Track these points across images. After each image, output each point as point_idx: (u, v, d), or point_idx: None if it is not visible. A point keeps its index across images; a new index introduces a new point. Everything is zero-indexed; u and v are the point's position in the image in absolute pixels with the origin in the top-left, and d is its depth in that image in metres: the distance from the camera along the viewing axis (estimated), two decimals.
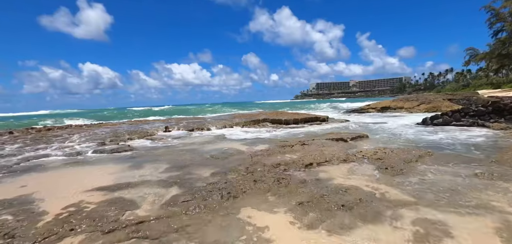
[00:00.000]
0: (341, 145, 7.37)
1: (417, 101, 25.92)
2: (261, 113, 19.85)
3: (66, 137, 11.07)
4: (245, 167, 5.09)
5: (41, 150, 8.35)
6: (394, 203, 3.30)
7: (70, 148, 8.68)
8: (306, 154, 6.04)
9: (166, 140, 9.90)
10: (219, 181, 4.33)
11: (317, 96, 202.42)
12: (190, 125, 13.91)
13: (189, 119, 17.42)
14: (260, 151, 6.76)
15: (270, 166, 5.13)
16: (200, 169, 5.25)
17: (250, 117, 17.21)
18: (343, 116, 24.09)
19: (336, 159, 5.55)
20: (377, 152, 5.94)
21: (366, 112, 27.89)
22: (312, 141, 7.97)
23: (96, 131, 12.60)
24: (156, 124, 15.00)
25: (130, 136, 11.08)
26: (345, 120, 17.47)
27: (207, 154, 6.74)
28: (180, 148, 8.09)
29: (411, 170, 4.69)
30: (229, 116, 18.84)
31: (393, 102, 27.64)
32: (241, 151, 7.00)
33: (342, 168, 5.04)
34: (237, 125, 14.71)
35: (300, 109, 33.52)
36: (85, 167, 6.02)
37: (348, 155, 5.87)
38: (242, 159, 5.94)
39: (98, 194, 4.03)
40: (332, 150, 6.38)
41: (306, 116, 17.05)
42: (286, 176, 4.46)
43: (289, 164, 5.17)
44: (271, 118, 16.23)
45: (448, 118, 11.63)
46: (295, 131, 11.98)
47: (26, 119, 31.93)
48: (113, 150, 8.00)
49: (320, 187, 3.96)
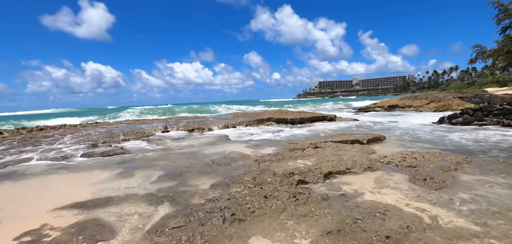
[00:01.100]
0: (359, 148, 6.52)
1: (426, 100, 24.93)
2: (265, 112, 19.00)
3: (57, 138, 10.30)
4: (251, 176, 4.25)
5: (24, 154, 7.58)
6: (456, 235, 2.46)
7: (57, 151, 7.89)
8: (321, 159, 5.20)
9: (163, 142, 9.09)
10: (221, 197, 3.50)
11: (320, 94, 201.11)
12: (190, 124, 13.09)
13: (189, 119, 16.61)
14: (268, 156, 5.93)
15: (281, 175, 4.29)
16: (198, 179, 4.42)
17: (254, 116, 16.37)
18: (349, 114, 23.22)
19: (359, 167, 4.70)
20: (405, 158, 5.08)
21: (373, 110, 26.98)
22: (325, 143, 7.12)
23: (90, 132, 11.82)
24: (154, 123, 14.20)
25: (126, 136, 10.30)
26: (354, 119, 16.59)
27: (207, 159, 5.92)
28: (177, 151, 7.27)
29: (454, 182, 3.84)
30: (232, 115, 18.01)
31: (401, 100, 26.67)
32: (246, 155, 6.17)
33: (369, 179, 4.19)
34: (240, 124, 13.88)
35: (304, 107, 32.65)
36: (66, 175, 5.22)
37: (372, 161, 5.02)
38: (247, 165, 5.10)
39: (69, 214, 3.22)
40: (351, 155, 5.53)
41: (312, 115, 16.18)
42: (303, 190, 3.62)
43: (305, 173, 4.33)
44: (276, 117, 15.38)
45: (469, 117, 10.72)
46: (302, 131, 11.14)
47: (28, 118, 31.27)
48: (103, 153, 7.20)
49: (349, 207, 3.12)
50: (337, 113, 21.15)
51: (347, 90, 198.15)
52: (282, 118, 15.30)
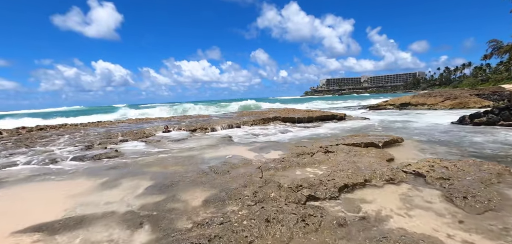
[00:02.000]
0: (375, 153, 5.78)
1: (441, 97, 23.74)
2: (272, 110, 18.31)
3: (53, 139, 9.88)
4: (252, 190, 3.60)
5: (14, 157, 7.12)
6: None
7: (49, 153, 7.41)
8: (334, 167, 4.50)
9: (162, 143, 8.53)
10: (213, 219, 2.86)
11: (327, 92, 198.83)
12: (193, 124, 12.53)
13: (192, 118, 16.08)
14: (273, 161, 5.26)
15: (287, 188, 3.62)
16: (191, 192, 3.80)
17: (259, 115, 15.71)
18: (359, 113, 22.31)
19: (379, 178, 3.99)
20: (433, 167, 4.34)
21: (384, 108, 25.94)
22: (336, 147, 6.41)
23: (89, 132, 11.38)
24: (155, 123, 13.70)
25: (124, 137, 9.79)
26: (365, 118, 15.74)
27: (205, 165, 5.30)
28: (174, 154, 6.68)
29: (503, 202, 3.09)
30: (237, 114, 17.39)
31: (414, 98, 25.52)
32: (248, 161, 5.52)
33: (393, 195, 3.49)
34: (245, 124, 13.24)
35: (311, 105, 31.83)
36: (47, 184, 4.68)
37: (393, 170, 4.29)
38: (249, 174, 4.45)
39: (27, 240, 2.64)
40: (368, 162, 4.81)
41: (321, 113, 15.41)
42: (315, 211, 2.95)
43: (315, 186, 3.65)
44: (283, 116, 14.68)
45: (494, 117, 9.80)
46: (311, 132, 10.42)
47: (41, 116, 31.37)
48: (95, 157, 6.67)
49: (374, 239, 2.43)
50: (347, 112, 20.27)
51: (355, 88, 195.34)
52: (289, 117, 14.59)
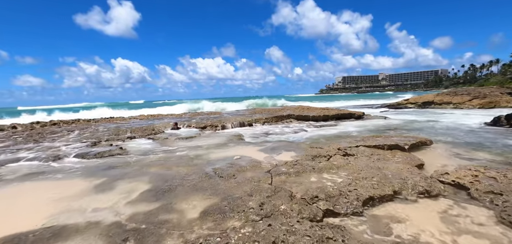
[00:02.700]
0: (401, 158, 5.08)
1: (468, 96, 22.12)
2: (285, 108, 17.68)
3: (62, 134, 9.80)
4: (259, 200, 3.06)
5: (20, 152, 6.98)
6: None
7: (55, 150, 7.22)
8: (355, 174, 3.88)
9: (169, 141, 8.17)
10: (208, 240, 2.35)
11: (343, 90, 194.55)
12: (203, 121, 12.15)
13: (204, 115, 15.75)
14: (284, 165, 4.70)
15: (301, 200, 3.07)
16: (189, 199, 3.32)
17: (272, 113, 15.14)
18: (378, 112, 21.22)
19: (411, 189, 3.34)
20: (477, 177, 3.62)
21: (405, 107, 24.61)
22: (356, 149, 5.75)
23: (99, 128, 11.27)
24: (166, 119, 13.44)
25: (133, 134, 9.55)
26: (385, 117, 14.78)
27: (210, 167, 4.82)
28: (179, 154, 6.26)
29: None
30: (249, 112, 16.90)
31: (437, 96, 23.98)
32: (257, 163, 4.99)
33: (431, 213, 2.85)
34: (257, 122, 12.73)
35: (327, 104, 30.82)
36: (40, 184, 4.37)
37: (427, 179, 3.62)
38: (256, 180, 3.92)
39: None
40: (395, 169, 4.15)
41: (337, 111, 14.61)
42: (334, 232, 2.38)
43: (334, 198, 3.06)
44: (297, 114, 14.04)
45: None
46: (327, 132, 9.73)
47: (63, 111, 32.26)
48: (98, 154, 6.38)
49: None
50: (365, 110, 19.26)
51: (372, 86, 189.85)
52: (303, 115, 13.93)
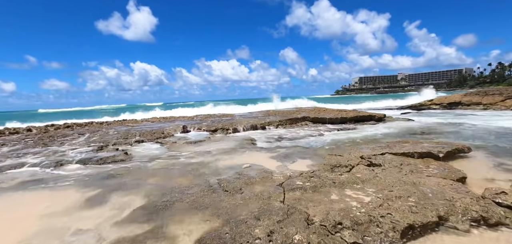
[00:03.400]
0: (437, 169, 4.33)
1: (501, 96, 20.36)
2: (300, 110, 16.95)
3: (73, 138, 9.67)
4: (267, 227, 2.48)
5: (25, 156, 6.79)
6: None
7: (60, 154, 6.99)
8: (385, 191, 3.21)
9: (176, 146, 7.76)
10: None
11: (360, 91, 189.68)
12: (214, 124, 11.72)
13: (215, 117, 15.35)
14: (299, 176, 4.09)
15: (319, 227, 2.46)
16: (185, 221, 2.80)
17: (286, 115, 14.48)
18: (399, 113, 20.01)
19: (462, 215, 2.64)
20: None
21: (428, 108, 23.16)
22: (382, 157, 5.03)
23: (110, 131, 11.11)
24: (177, 122, 13.13)
25: (141, 137, 9.25)
26: (408, 119, 13.74)
27: (215, 178, 4.30)
28: (185, 161, 5.80)
29: None
30: (262, 114, 16.33)
31: (465, 96, 22.32)
32: (268, 173, 4.41)
33: None
34: (270, 124, 12.13)
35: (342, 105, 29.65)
36: (31, 194, 4.02)
37: (479, 201, 2.90)
38: (266, 195, 3.34)
39: None
40: (435, 185, 3.43)
41: (356, 113, 13.74)
42: None
43: (362, 225, 2.43)
44: (312, 116, 13.31)
45: None
46: (346, 136, 8.98)
47: (84, 114, 33.06)
48: (101, 160, 6.04)
49: None
50: (386, 112, 18.17)
51: (391, 86, 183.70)
52: (319, 117, 13.18)
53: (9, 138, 10.47)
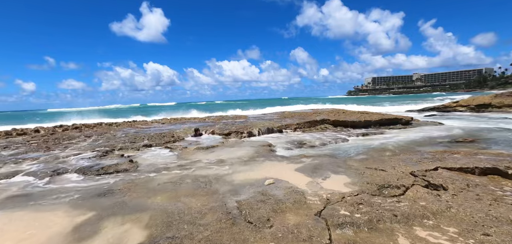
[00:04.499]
0: None
1: None
2: (317, 112, 15.93)
3: (78, 141, 9.09)
4: None
5: (23, 163, 6.19)
6: None
7: (60, 160, 6.36)
8: (475, 234, 2.29)
9: (187, 152, 7.00)
10: None
11: (374, 91, 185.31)
12: (228, 127, 10.93)
13: (228, 118, 14.56)
14: (342, 202, 3.20)
15: None
16: None
17: (304, 117, 13.54)
18: (422, 115, 18.65)
19: None
20: None
21: (454, 111, 21.64)
22: (436, 174, 4.05)
23: (118, 133, 10.51)
24: (188, 124, 12.42)
25: (150, 141, 8.56)
26: (438, 123, 12.51)
27: (233, 199, 3.46)
28: (196, 172, 5.00)
29: None
30: (278, 115, 15.43)
31: (496, 98, 20.64)
32: (299, 194, 3.54)
33: None
34: (287, 127, 11.24)
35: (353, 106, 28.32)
36: (15, 215, 3.30)
37: None
38: (305, 234, 2.47)
39: None
40: None
41: (380, 116, 12.62)
42: None
43: None
44: (333, 119, 12.30)
45: None
46: (375, 142, 7.96)
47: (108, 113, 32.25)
48: (102, 170, 5.33)
49: None
50: (408, 114, 16.89)
51: (406, 87, 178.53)
52: (340, 120, 12.15)
53: (15, 139, 10.04)
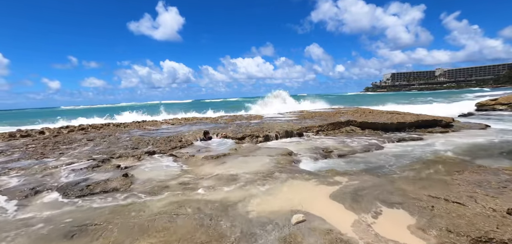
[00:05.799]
0: None
1: None
2: (340, 111, 14.49)
3: (78, 145, 8.29)
4: None
5: (7, 175, 5.36)
6: None
7: (47, 172, 5.47)
8: None
9: (194, 162, 5.95)
10: None
11: (393, 88, 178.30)
12: (241, 129, 9.81)
13: (242, 119, 13.44)
14: None
15: None
16: None
17: (325, 117, 12.20)
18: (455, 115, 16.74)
19: None
20: None
21: (492, 109, 19.53)
22: None
23: (123, 136, 9.66)
24: (199, 125, 11.41)
25: (154, 146, 7.61)
26: (485, 126, 10.80)
27: None
28: (200, 197, 3.90)
29: None
30: (296, 116, 14.15)
31: None
32: (341, 236, 2.34)
33: None
34: (308, 130, 9.97)
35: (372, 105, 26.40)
36: None
37: None
38: None
39: None
40: None
41: (416, 117, 11.06)
42: None
43: None
44: (359, 120, 10.89)
45: None
46: (419, 150, 6.56)
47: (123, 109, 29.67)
48: (88, 189, 4.35)
49: None
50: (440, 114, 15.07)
51: (428, 83, 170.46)
52: (368, 122, 10.72)
53: (15, 143, 9.41)
